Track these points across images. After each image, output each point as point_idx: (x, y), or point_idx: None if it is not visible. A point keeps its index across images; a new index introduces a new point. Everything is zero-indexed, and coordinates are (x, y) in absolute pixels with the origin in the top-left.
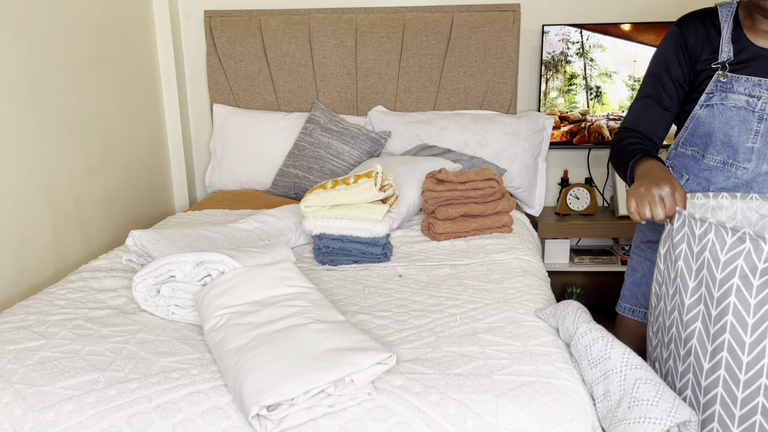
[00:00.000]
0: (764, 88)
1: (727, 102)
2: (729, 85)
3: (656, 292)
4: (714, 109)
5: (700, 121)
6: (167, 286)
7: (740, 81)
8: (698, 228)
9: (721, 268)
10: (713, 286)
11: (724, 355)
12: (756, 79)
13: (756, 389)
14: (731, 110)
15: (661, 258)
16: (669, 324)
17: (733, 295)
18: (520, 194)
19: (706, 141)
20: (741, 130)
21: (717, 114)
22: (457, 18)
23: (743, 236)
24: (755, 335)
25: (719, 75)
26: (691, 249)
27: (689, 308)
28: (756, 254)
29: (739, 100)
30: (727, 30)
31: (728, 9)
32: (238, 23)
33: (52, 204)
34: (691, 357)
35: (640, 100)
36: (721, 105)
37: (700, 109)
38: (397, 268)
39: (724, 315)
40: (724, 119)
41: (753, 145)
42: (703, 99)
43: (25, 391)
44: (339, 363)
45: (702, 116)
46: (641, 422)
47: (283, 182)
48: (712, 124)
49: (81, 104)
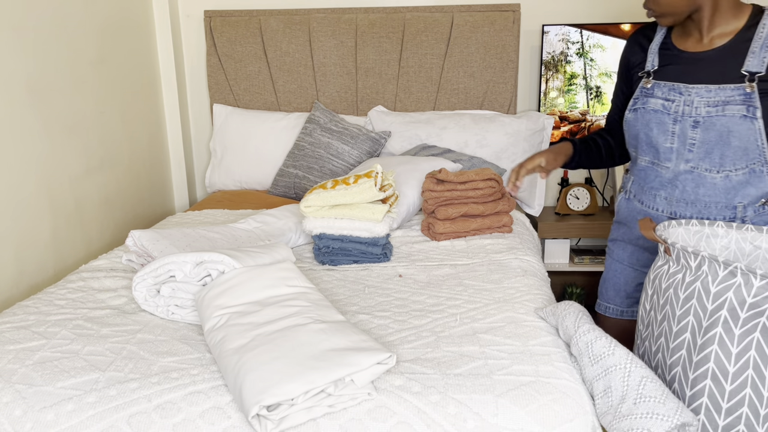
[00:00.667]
0: (677, 92)
1: (647, 106)
2: (651, 91)
3: (643, 318)
4: (637, 113)
5: (629, 124)
6: (167, 286)
7: (660, 86)
8: (693, 261)
9: (711, 299)
10: (703, 316)
11: (707, 383)
12: (671, 83)
13: (737, 417)
14: (650, 113)
15: (650, 283)
16: (655, 350)
17: (720, 326)
18: (520, 194)
19: (635, 143)
20: (659, 132)
21: (639, 117)
22: (457, 18)
23: (735, 270)
24: (738, 365)
25: (644, 82)
26: (683, 278)
27: (676, 335)
28: (746, 289)
29: (656, 103)
30: (657, 41)
31: None
32: (238, 23)
33: (52, 204)
34: (675, 384)
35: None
36: (642, 109)
37: (628, 113)
38: (397, 268)
39: (709, 345)
40: (644, 122)
41: (671, 145)
42: (630, 104)
43: (25, 391)
44: (339, 363)
45: (629, 119)
46: (648, 418)
47: (283, 182)
48: (637, 127)
49: (81, 104)
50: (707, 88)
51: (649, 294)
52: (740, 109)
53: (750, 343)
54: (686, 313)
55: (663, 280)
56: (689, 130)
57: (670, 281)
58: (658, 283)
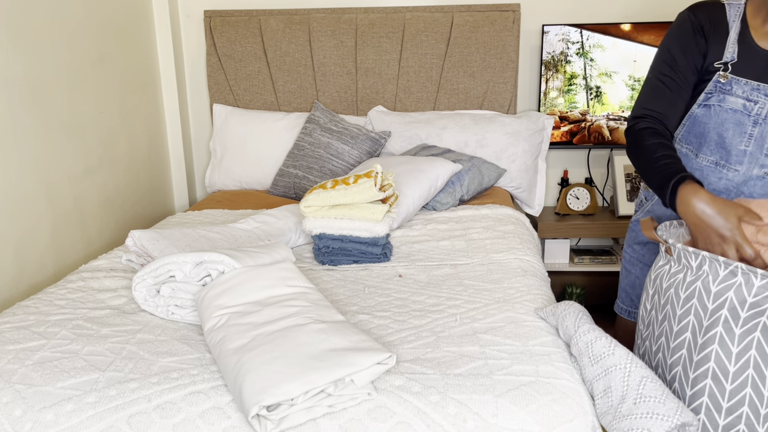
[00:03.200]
0: (762, 93)
1: (724, 104)
2: (728, 87)
3: (643, 317)
4: (711, 109)
5: (696, 120)
6: (167, 286)
7: (739, 84)
8: (694, 260)
9: (712, 298)
10: (703, 315)
11: (707, 382)
12: (755, 83)
13: (737, 417)
14: (727, 112)
15: (651, 282)
16: (655, 349)
17: (720, 325)
18: (520, 194)
19: (700, 140)
20: (735, 133)
21: (713, 115)
22: (457, 18)
23: (735, 270)
24: (738, 364)
25: (720, 75)
26: (684, 278)
27: (676, 335)
28: (746, 288)
29: (737, 103)
30: (735, 29)
31: (737, 8)
32: (238, 23)
33: (52, 204)
34: (676, 383)
35: (657, 80)
36: (718, 106)
37: (697, 108)
38: (397, 268)
39: (710, 344)
40: (719, 120)
41: (746, 148)
42: (702, 98)
43: (25, 391)
44: (339, 363)
45: (699, 115)
46: (649, 417)
47: (283, 182)
48: (708, 125)
49: (81, 104)
50: None
51: (650, 294)
52: None
53: (750, 342)
54: (687, 313)
55: (664, 280)
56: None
57: (671, 281)
58: (659, 283)
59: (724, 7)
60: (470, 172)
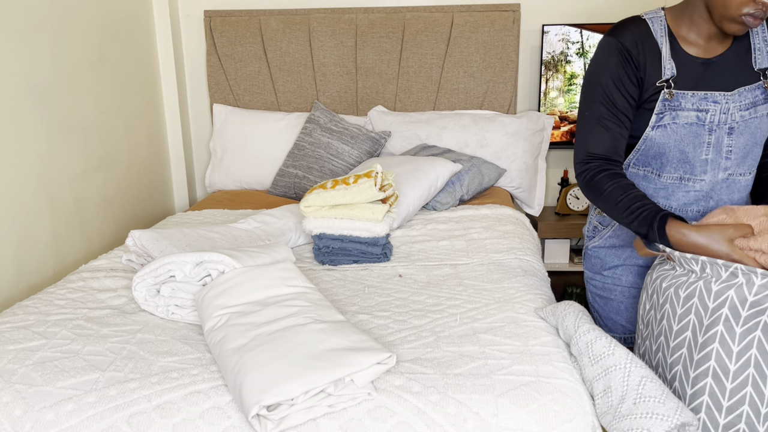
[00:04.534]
0: (710, 100)
1: (678, 120)
2: (677, 103)
3: (642, 317)
4: (667, 128)
5: (653, 142)
6: (167, 286)
7: (686, 97)
8: (696, 265)
9: (713, 297)
10: (704, 314)
11: (708, 381)
12: (701, 93)
13: (738, 416)
14: (684, 128)
15: (650, 281)
16: (655, 348)
17: (721, 324)
18: (520, 194)
19: (661, 161)
20: (695, 145)
21: (671, 133)
22: (457, 18)
23: (736, 271)
24: (739, 363)
25: (665, 93)
26: (687, 279)
27: (677, 334)
28: (747, 287)
29: (690, 116)
30: (666, 45)
31: (660, 21)
32: (238, 23)
33: (52, 204)
34: (676, 382)
35: (595, 122)
36: (673, 124)
37: (652, 130)
38: (397, 268)
39: (711, 343)
40: (678, 137)
41: (707, 156)
42: (654, 120)
43: (25, 391)
44: (339, 363)
45: (655, 137)
46: (648, 417)
47: (283, 182)
48: (667, 144)
49: (81, 104)
50: (739, 93)
51: (649, 293)
52: (766, 107)
53: (751, 341)
54: (687, 312)
55: (664, 280)
56: (725, 137)
57: (673, 281)
58: (658, 282)
59: (646, 23)
60: (470, 172)
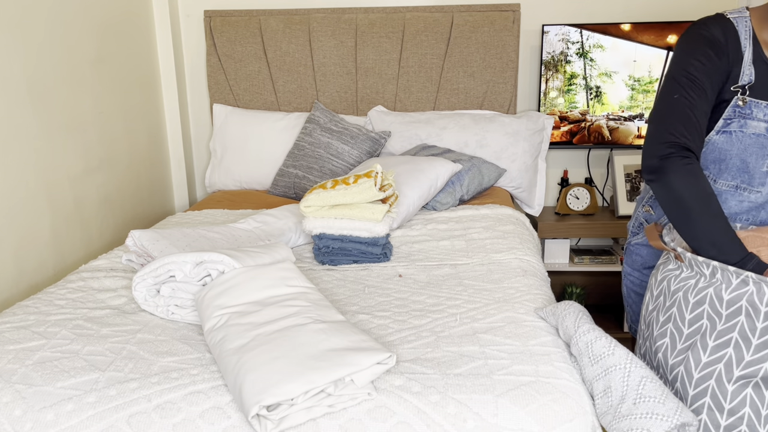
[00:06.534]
0: None
1: (746, 129)
2: (748, 111)
3: (644, 317)
4: (732, 135)
5: (715, 147)
6: (167, 286)
7: (759, 106)
8: (706, 269)
9: (725, 305)
10: (718, 320)
11: (710, 383)
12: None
13: (739, 418)
14: (750, 138)
15: (657, 283)
16: (655, 350)
17: (736, 332)
18: (520, 194)
19: (719, 166)
20: (758, 156)
21: (735, 141)
22: (457, 18)
23: (747, 279)
24: (748, 370)
25: (738, 99)
26: (696, 283)
27: (687, 338)
28: (758, 296)
29: (759, 127)
30: (749, 48)
31: (744, 22)
32: (238, 23)
33: (52, 204)
34: (677, 383)
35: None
36: (740, 132)
37: (716, 135)
38: (397, 268)
39: (724, 347)
40: (742, 146)
41: (767, 169)
42: (721, 125)
43: (25, 391)
44: (339, 363)
45: (718, 142)
46: (648, 418)
47: (283, 182)
48: (730, 151)
49: (81, 104)
50: None
51: (654, 294)
52: None
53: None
54: (698, 317)
55: (672, 283)
56: None
57: (681, 284)
58: (665, 285)
59: (731, 23)
60: (470, 172)
